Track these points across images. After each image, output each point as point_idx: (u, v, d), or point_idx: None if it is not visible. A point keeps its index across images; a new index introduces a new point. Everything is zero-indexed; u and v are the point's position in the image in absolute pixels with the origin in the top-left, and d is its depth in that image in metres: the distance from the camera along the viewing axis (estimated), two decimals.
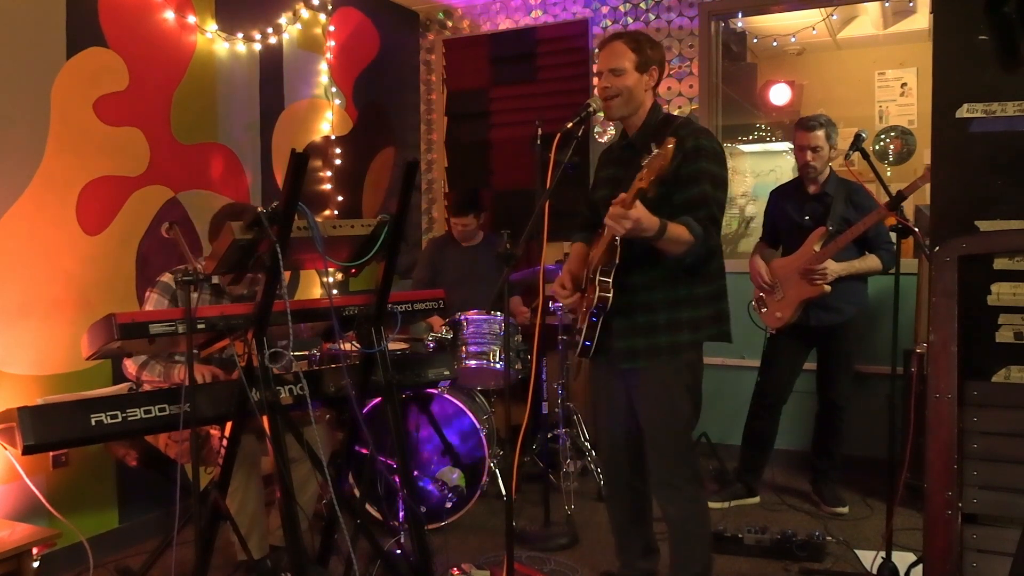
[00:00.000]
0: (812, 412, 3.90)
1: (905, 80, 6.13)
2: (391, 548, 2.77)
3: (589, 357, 2.59)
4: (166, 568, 2.81)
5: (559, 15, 4.91)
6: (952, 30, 2.14)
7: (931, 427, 2.00)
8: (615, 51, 2.48)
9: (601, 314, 2.46)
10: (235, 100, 3.94)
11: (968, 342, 2.02)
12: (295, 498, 2.22)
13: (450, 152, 5.31)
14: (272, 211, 2.07)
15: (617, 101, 2.49)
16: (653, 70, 2.51)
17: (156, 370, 2.85)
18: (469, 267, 4.26)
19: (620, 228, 2.21)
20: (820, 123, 3.57)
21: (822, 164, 3.60)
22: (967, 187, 2.14)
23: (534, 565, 3.14)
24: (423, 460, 3.58)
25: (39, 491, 2.83)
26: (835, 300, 3.55)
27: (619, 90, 2.47)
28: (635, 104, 2.51)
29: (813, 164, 3.59)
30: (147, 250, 3.42)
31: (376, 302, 2.48)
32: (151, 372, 2.85)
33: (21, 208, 3.00)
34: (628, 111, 2.52)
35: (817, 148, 3.57)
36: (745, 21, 5.53)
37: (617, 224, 2.20)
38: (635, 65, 2.47)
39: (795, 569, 3.07)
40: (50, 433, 2.19)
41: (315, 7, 4.36)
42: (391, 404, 2.50)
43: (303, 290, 4.36)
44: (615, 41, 2.50)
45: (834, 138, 3.61)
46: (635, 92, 2.49)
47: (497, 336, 3.70)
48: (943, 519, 1.95)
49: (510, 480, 2.31)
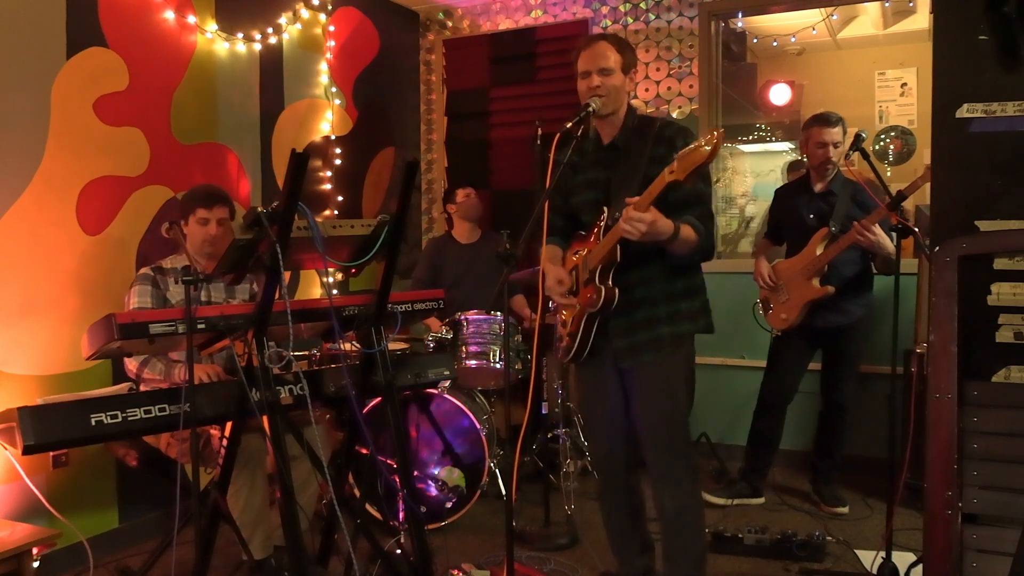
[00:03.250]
0: (813, 412, 3.90)
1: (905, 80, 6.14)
2: (391, 548, 2.77)
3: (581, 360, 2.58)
4: (166, 568, 2.81)
5: (559, 15, 4.91)
6: (952, 30, 2.15)
7: (931, 427, 2.00)
8: (601, 51, 2.49)
9: (605, 313, 2.45)
10: (235, 100, 3.94)
11: (968, 342, 2.02)
12: (295, 498, 2.22)
13: (450, 152, 5.30)
14: (272, 211, 2.08)
15: (607, 100, 2.50)
16: (633, 72, 2.56)
17: (157, 368, 2.85)
18: (469, 267, 4.26)
19: (635, 232, 2.19)
20: (839, 119, 3.58)
21: (838, 159, 3.60)
22: (967, 187, 2.14)
23: (534, 565, 3.14)
24: (423, 460, 3.59)
25: (39, 491, 2.83)
26: (842, 301, 3.55)
27: (607, 90, 2.48)
28: (617, 103, 2.53)
29: (833, 160, 3.59)
30: (147, 250, 3.42)
31: (376, 302, 2.48)
32: (152, 370, 2.85)
33: (21, 208, 3.00)
34: (611, 110, 2.53)
35: (838, 144, 3.57)
36: (745, 21, 5.53)
37: (632, 227, 2.19)
38: (620, 66, 2.50)
39: (795, 569, 3.07)
40: (50, 433, 2.19)
41: (315, 7, 4.36)
42: (391, 404, 2.50)
43: (303, 290, 4.37)
44: (600, 41, 2.51)
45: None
46: (620, 92, 2.51)
47: (497, 336, 3.70)
48: (943, 519, 1.95)
49: (510, 480, 2.30)
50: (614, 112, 2.53)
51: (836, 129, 3.56)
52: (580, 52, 2.53)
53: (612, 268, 2.42)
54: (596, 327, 2.49)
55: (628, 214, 2.20)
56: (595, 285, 2.44)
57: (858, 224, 3.33)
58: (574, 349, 2.54)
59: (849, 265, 3.55)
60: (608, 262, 2.41)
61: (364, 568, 2.68)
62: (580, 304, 2.50)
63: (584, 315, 2.48)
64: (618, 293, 2.43)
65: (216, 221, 2.98)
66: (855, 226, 3.33)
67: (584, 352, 2.54)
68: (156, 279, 2.96)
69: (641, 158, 2.46)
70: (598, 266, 2.43)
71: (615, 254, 2.39)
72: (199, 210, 2.97)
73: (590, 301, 2.44)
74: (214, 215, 2.97)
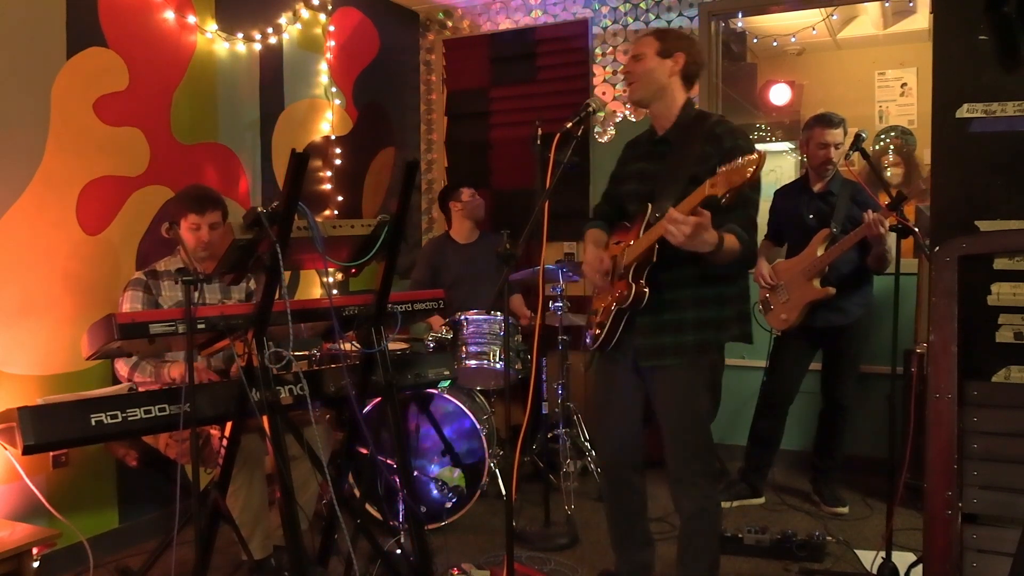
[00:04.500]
0: (813, 412, 3.90)
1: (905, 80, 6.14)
2: (391, 548, 2.77)
3: (606, 351, 2.59)
4: (166, 568, 2.81)
5: (559, 15, 4.91)
6: (952, 30, 2.15)
7: (931, 427, 2.00)
8: (640, 41, 2.59)
9: (633, 310, 2.46)
10: (235, 100, 3.94)
11: (968, 342, 2.02)
12: (295, 498, 2.22)
13: (450, 152, 5.30)
14: (272, 211, 2.07)
15: (636, 85, 2.57)
16: (678, 55, 2.53)
17: (147, 371, 2.86)
18: (468, 267, 4.26)
19: (678, 234, 2.16)
20: (841, 120, 3.59)
21: (838, 159, 3.61)
22: (967, 187, 2.14)
23: (534, 565, 3.14)
24: (423, 460, 3.58)
25: (39, 491, 2.83)
26: (841, 301, 3.55)
27: (637, 75, 2.55)
28: (655, 88, 2.54)
29: (831, 160, 3.59)
30: (147, 250, 3.42)
31: (376, 302, 2.48)
32: (142, 373, 2.86)
33: (21, 208, 3.00)
34: (648, 94, 2.56)
35: (839, 145, 3.58)
36: (745, 21, 5.53)
37: (676, 229, 2.16)
38: (656, 51, 2.53)
39: (795, 569, 3.07)
40: (50, 433, 2.19)
41: (315, 7, 4.36)
42: (391, 404, 2.50)
43: (303, 290, 4.36)
44: (644, 36, 2.61)
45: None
46: (655, 75, 2.53)
47: (497, 336, 3.69)
48: (943, 519, 1.95)
49: (510, 480, 2.30)
50: (657, 99, 2.56)
51: (838, 130, 3.57)
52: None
53: (647, 267, 2.42)
54: (624, 322, 2.51)
55: (673, 215, 2.17)
56: (627, 282, 2.44)
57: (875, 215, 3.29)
58: (601, 339, 2.56)
59: (848, 265, 3.55)
60: (644, 260, 2.41)
61: (364, 568, 2.68)
62: (611, 297, 2.52)
63: (614, 309, 2.49)
64: (648, 292, 2.42)
65: (208, 226, 2.96)
66: (870, 216, 3.30)
67: (610, 344, 2.56)
68: (148, 284, 2.96)
69: (689, 155, 2.45)
70: (633, 263, 2.43)
71: (652, 253, 2.38)
72: (191, 216, 2.96)
73: (621, 297, 2.45)
74: (205, 220, 2.96)
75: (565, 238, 4.83)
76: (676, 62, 2.53)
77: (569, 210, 4.73)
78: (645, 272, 2.43)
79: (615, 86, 4.75)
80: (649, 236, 2.37)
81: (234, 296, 3.16)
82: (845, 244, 3.42)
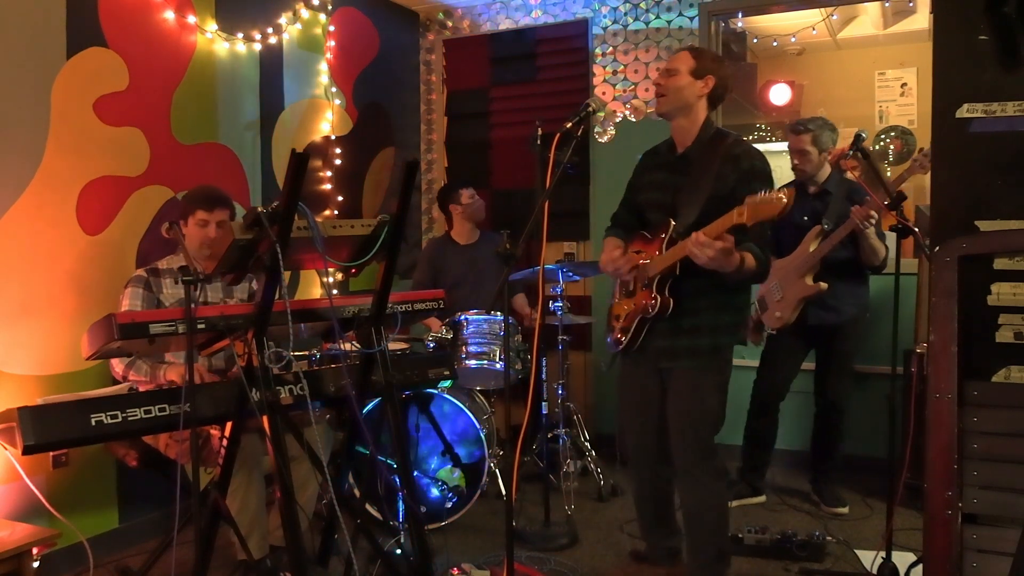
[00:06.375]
0: (812, 412, 3.90)
1: (905, 80, 6.15)
2: (391, 548, 2.77)
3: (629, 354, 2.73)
4: (166, 568, 2.81)
5: (559, 15, 4.91)
6: (952, 30, 2.15)
7: (931, 427, 2.00)
8: (676, 57, 2.67)
9: (657, 319, 2.59)
10: (235, 100, 3.94)
11: (968, 342, 2.03)
12: (295, 498, 2.22)
13: (450, 152, 5.30)
14: (272, 211, 2.07)
15: (665, 99, 2.64)
16: (708, 78, 2.62)
17: (143, 370, 2.85)
18: (469, 267, 4.26)
19: (703, 257, 2.32)
20: (808, 127, 3.60)
21: (812, 168, 3.63)
22: (967, 187, 2.14)
23: (534, 565, 3.14)
24: (423, 460, 3.58)
25: (39, 491, 2.83)
26: (834, 300, 3.55)
27: (666, 89, 2.63)
28: (681, 104, 2.63)
29: (802, 168, 3.62)
30: (147, 250, 3.42)
31: (376, 302, 2.48)
32: (137, 372, 2.86)
33: (21, 208, 3.00)
34: (673, 110, 2.64)
35: (804, 152, 3.60)
36: (745, 21, 5.54)
37: (701, 252, 2.32)
38: (690, 69, 2.61)
39: (795, 569, 3.07)
40: (50, 433, 2.18)
41: (315, 7, 4.36)
42: (391, 404, 2.50)
43: (303, 290, 4.36)
44: (682, 50, 2.68)
45: (827, 141, 3.61)
46: (684, 93, 2.61)
47: (497, 336, 3.69)
48: (943, 519, 1.95)
49: (510, 480, 2.31)
50: (682, 115, 2.64)
51: (802, 137, 3.61)
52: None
53: (669, 279, 2.57)
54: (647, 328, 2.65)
55: (700, 240, 2.32)
56: (651, 292, 2.58)
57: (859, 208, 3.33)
58: (624, 343, 2.70)
59: (842, 263, 3.55)
60: (667, 273, 2.56)
61: (364, 568, 2.68)
62: (636, 305, 2.65)
63: (638, 316, 2.63)
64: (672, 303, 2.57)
65: (216, 224, 2.97)
66: (855, 210, 3.33)
67: (633, 347, 2.70)
68: (149, 281, 2.96)
69: (709, 174, 2.56)
70: (657, 276, 2.56)
71: (675, 268, 2.53)
72: (199, 212, 2.97)
73: (646, 307, 2.59)
74: (214, 217, 2.97)
75: (565, 238, 4.82)
76: (706, 84, 2.62)
77: (569, 210, 4.75)
78: (668, 284, 2.57)
79: (615, 86, 4.75)
80: (674, 253, 2.50)
81: (236, 296, 3.16)
82: (834, 239, 3.42)
